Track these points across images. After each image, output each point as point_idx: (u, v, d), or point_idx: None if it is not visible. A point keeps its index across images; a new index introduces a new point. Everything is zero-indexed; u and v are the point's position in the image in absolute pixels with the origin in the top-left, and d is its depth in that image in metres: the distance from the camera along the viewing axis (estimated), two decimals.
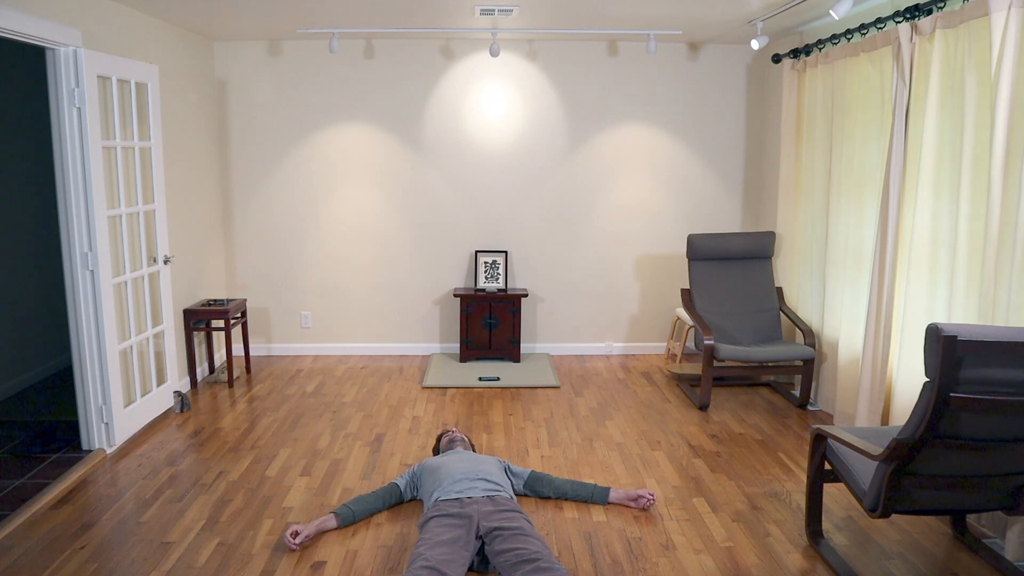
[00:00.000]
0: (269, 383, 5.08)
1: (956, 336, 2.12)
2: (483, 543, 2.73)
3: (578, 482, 3.32)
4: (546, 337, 5.86)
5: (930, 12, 3.36)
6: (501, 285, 5.61)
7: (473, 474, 3.05)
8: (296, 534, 2.89)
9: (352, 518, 3.06)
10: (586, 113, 5.55)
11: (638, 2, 4.14)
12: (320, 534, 3.00)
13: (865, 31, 3.90)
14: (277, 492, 3.42)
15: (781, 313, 4.87)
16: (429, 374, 5.23)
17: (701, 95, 5.56)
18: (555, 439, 4.08)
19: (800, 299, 4.82)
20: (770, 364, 4.63)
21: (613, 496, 3.26)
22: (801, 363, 4.52)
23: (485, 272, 5.61)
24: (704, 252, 4.87)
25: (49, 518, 3.15)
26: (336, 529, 3.05)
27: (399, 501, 3.25)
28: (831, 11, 3.71)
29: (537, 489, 3.31)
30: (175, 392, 4.53)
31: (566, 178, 5.63)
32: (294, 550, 2.88)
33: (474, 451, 3.56)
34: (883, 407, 3.81)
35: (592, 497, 3.26)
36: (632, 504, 3.24)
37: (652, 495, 3.22)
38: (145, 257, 4.26)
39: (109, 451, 3.88)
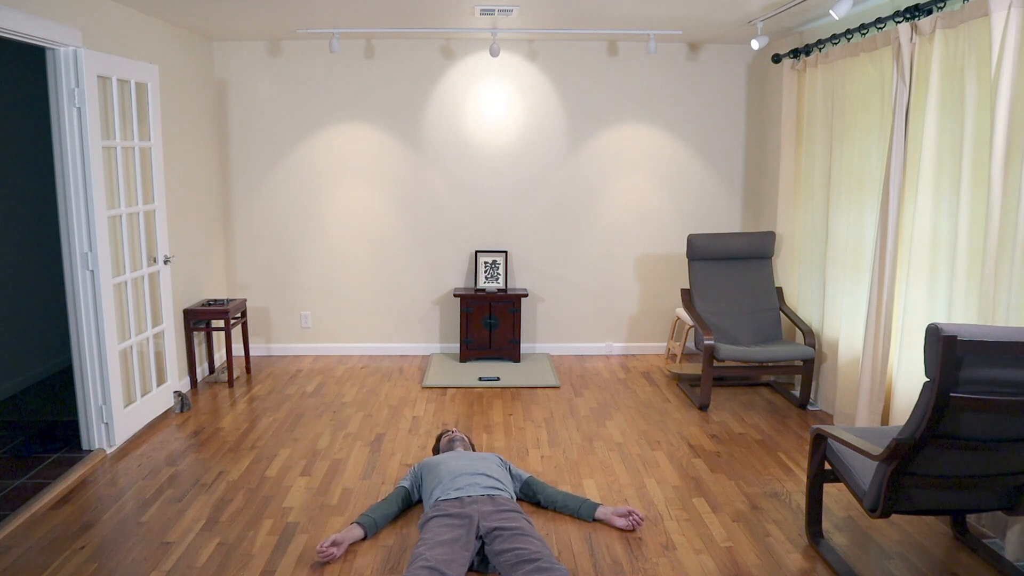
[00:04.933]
0: (269, 383, 5.08)
1: (956, 336, 2.11)
2: (483, 543, 2.73)
3: (569, 494, 3.23)
4: (546, 337, 5.86)
5: (930, 12, 3.36)
6: (501, 285, 5.61)
7: (473, 470, 3.05)
8: (336, 543, 2.81)
9: (375, 526, 3.00)
10: (586, 113, 5.55)
11: (638, 2, 4.14)
12: (349, 544, 2.92)
13: (865, 31, 3.90)
14: (277, 492, 3.42)
15: (781, 313, 4.87)
16: (429, 374, 5.23)
17: (701, 95, 5.56)
18: (555, 439, 4.07)
19: (800, 299, 4.82)
20: (770, 364, 4.63)
21: (600, 513, 3.12)
22: (801, 363, 4.52)
23: (485, 272, 5.61)
24: (704, 252, 4.87)
25: (49, 518, 3.15)
26: (363, 540, 2.96)
27: (409, 502, 3.22)
28: (831, 11, 3.71)
29: (530, 495, 3.28)
30: (175, 392, 4.53)
31: (566, 178, 5.63)
32: (335, 556, 2.80)
33: (474, 451, 3.56)
34: (883, 407, 3.81)
35: (579, 511, 3.15)
36: (618, 522, 3.07)
37: (641, 517, 3.05)
38: (145, 257, 4.26)
39: (109, 451, 3.88)
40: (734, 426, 4.28)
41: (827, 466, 2.93)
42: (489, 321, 5.49)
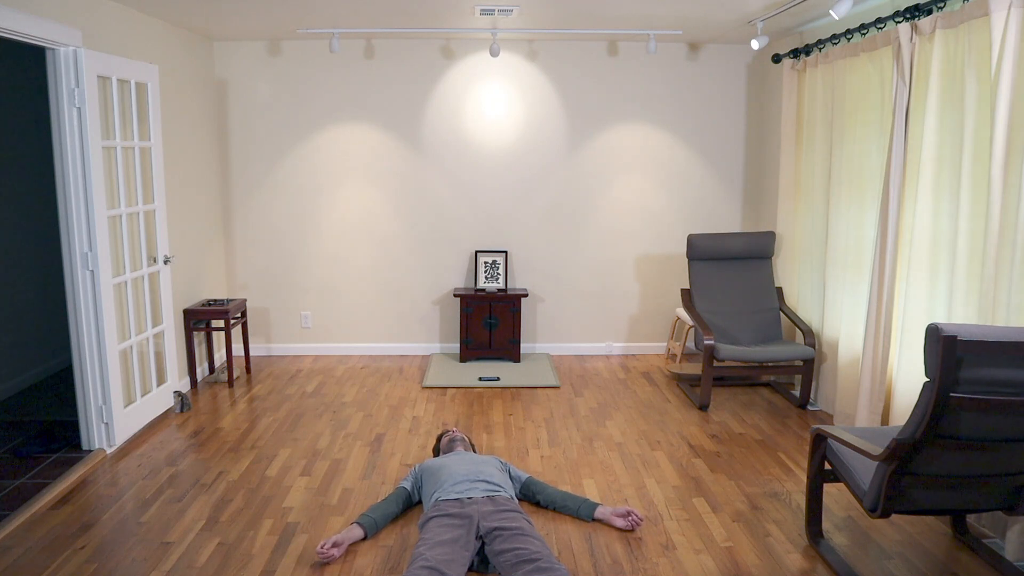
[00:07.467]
0: (269, 383, 5.08)
1: (956, 336, 2.11)
2: (483, 543, 2.73)
3: (569, 494, 3.23)
4: (546, 337, 5.86)
5: (930, 12, 3.36)
6: (501, 285, 5.61)
7: (474, 475, 3.05)
8: (336, 544, 2.82)
9: (375, 526, 3.00)
10: (586, 113, 5.55)
11: (638, 2, 4.14)
12: (349, 545, 2.93)
13: (865, 31, 3.90)
14: (277, 492, 3.42)
15: (781, 313, 4.87)
16: (429, 374, 5.23)
17: (701, 95, 5.56)
18: (555, 439, 4.07)
19: (800, 299, 4.82)
20: (770, 364, 4.63)
21: (599, 513, 3.12)
22: (801, 363, 4.52)
23: (485, 272, 5.61)
24: (704, 252, 4.87)
25: (49, 518, 3.15)
26: (363, 540, 2.96)
27: (410, 503, 3.22)
28: (831, 11, 3.71)
29: (530, 495, 3.28)
30: (175, 392, 4.53)
31: (566, 178, 5.63)
32: (335, 557, 2.81)
33: (474, 451, 3.56)
34: (883, 407, 3.81)
35: (579, 511, 3.15)
36: (617, 521, 3.08)
37: (640, 517, 3.06)
38: (145, 257, 4.26)
39: (109, 451, 3.88)
40: (734, 426, 4.28)
41: (827, 466, 2.93)
42: (489, 321, 5.49)
